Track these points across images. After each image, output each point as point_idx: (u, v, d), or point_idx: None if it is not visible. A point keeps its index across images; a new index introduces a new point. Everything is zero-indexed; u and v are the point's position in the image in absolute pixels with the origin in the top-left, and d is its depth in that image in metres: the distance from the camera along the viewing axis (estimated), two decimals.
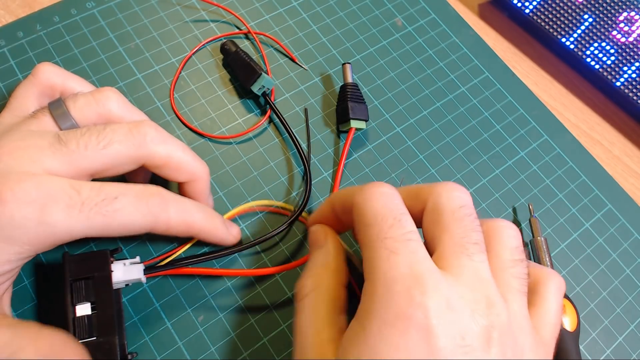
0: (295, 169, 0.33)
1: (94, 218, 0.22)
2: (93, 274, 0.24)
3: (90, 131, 0.24)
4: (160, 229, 0.25)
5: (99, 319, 0.24)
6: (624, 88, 0.40)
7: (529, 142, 0.37)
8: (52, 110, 0.25)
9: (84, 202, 0.22)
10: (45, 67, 0.27)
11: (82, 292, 0.24)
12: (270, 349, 0.28)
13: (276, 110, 0.34)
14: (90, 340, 0.23)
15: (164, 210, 0.24)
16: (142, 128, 0.25)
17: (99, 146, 0.24)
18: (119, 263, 0.25)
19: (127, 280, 0.25)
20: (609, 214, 0.35)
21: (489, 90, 0.39)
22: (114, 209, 0.23)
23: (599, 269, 0.33)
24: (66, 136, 0.24)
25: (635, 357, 0.31)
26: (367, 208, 0.22)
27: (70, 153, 0.23)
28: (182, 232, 0.26)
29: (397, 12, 0.41)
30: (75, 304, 0.24)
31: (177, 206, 0.25)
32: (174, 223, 0.25)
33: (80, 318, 0.24)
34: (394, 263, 0.20)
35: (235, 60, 0.35)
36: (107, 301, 0.24)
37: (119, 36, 0.36)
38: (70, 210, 0.22)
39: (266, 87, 0.34)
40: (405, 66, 0.39)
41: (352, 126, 0.34)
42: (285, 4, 0.39)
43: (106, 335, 0.23)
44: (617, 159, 0.39)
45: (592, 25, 0.40)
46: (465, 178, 0.35)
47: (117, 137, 0.24)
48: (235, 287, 0.29)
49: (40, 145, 0.23)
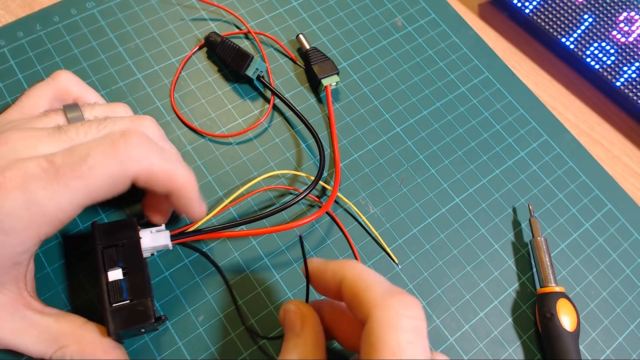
0: (295, 169, 0.33)
1: (73, 184, 0.22)
2: (122, 240, 0.25)
3: (91, 121, 0.24)
4: (143, 178, 0.23)
5: (131, 282, 0.24)
6: (624, 88, 0.40)
7: (529, 142, 0.37)
8: (67, 112, 0.25)
9: (58, 169, 0.21)
10: (66, 74, 0.28)
11: (113, 259, 0.25)
12: (270, 349, 0.28)
13: (276, 92, 0.34)
14: (124, 303, 0.24)
15: (145, 155, 0.23)
16: (144, 121, 0.25)
17: (100, 134, 0.24)
18: (146, 230, 0.26)
19: (154, 246, 0.26)
20: (609, 214, 0.35)
21: (489, 90, 0.39)
22: (89, 167, 0.22)
23: (599, 269, 0.33)
24: (67, 126, 0.24)
25: (635, 357, 0.31)
26: (386, 337, 0.19)
27: (69, 140, 0.23)
28: (164, 185, 0.24)
29: (397, 12, 0.41)
30: (107, 270, 0.24)
31: (160, 153, 0.24)
32: (157, 171, 0.23)
33: (113, 282, 0.24)
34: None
35: (224, 49, 0.35)
36: (138, 266, 0.25)
37: (119, 36, 0.36)
38: (49, 182, 0.21)
39: (260, 69, 0.34)
40: (405, 66, 0.39)
41: (326, 84, 0.35)
42: (285, 4, 0.39)
43: (140, 297, 0.24)
44: (617, 159, 0.39)
45: (592, 25, 0.40)
46: (465, 178, 0.35)
47: (118, 127, 0.24)
48: (235, 287, 0.29)
49: (39, 135, 0.23)
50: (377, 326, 0.19)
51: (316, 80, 0.35)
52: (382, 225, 0.32)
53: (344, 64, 0.38)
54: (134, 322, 0.24)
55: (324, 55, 0.36)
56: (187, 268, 0.29)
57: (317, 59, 0.36)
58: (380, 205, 0.33)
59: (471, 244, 0.33)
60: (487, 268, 0.32)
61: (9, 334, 0.23)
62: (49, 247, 0.29)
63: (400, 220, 0.33)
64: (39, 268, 0.28)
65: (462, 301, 0.31)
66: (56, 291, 0.28)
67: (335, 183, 0.32)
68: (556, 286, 0.30)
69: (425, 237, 0.33)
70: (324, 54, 0.36)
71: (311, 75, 0.36)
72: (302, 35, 0.37)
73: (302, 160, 0.34)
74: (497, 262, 0.33)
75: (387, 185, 0.34)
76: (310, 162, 0.34)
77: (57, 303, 0.27)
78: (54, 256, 0.29)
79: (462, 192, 0.34)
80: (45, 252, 0.29)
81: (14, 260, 0.22)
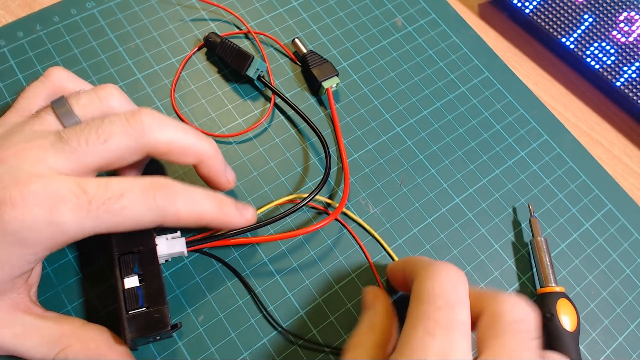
0: (295, 169, 0.33)
1: (102, 217, 0.22)
2: (139, 247, 0.25)
3: (89, 126, 0.24)
4: (170, 222, 0.24)
5: (147, 289, 0.24)
6: (624, 88, 0.40)
7: (529, 142, 0.37)
8: (55, 109, 0.25)
9: (90, 201, 0.22)
10: (59, 71, 0.27)
11: (129, 265, 0.25)
12: (270, 349, 0.28)
13: (277, 92, 0.34)
14: (140, 310, 0.24)
15: (172, 203, 0.24)
16: (139, 116, 0.25)
17: (100, 140, 0.24)
18: (162, 237, 0.26)
19: (170, 253, 0.26)
20: (609, 214, 0.35)
21: (489, 90, 0.39)
22: (121, 207, 0.23)
23: (599, 269, 0.33)
24: (67, 134, 0.24)
25: (635, 357, 0.31)
26: (425, 284, 0.22)
27: (72, 151, 0.23)
28: (194, 223, 0.25)
29: (397, 12, 0.41)
30: (124, 277, 0.24)
31: (185, 197, 0.24)
32: (184, 215, 0.24)
33: (129, 290, 0.24)
34: (425, 345, 0.20)
35: (224, 49, 0.35)
36: (154, 273, 0.25)
37: (119, 36, 0.36)
38: (78, 209, 0.22)
39: (260, 69, 0.34)
40: (405, 66, 0.39)
41: (327, 87, 0.35)
42: (285, 4, 0.39)
43: (156, 305, 0.24)
44: (617, 159, 0.39)
45: (592, 25, 0.40)
46: (465, 178, 0.35)
47: (116, 129, 0.24)
48: (235, 287, 0.29)
49: (43, 145, 0.23)
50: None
51: (316, 83, 0.35)
52: (382, 225, 0.32)
53: (344, 64, 0.38)
54: (150, 329, 0.24)
55: (322, 58, 0.36)
56: (187, 268, 0.29)
57: (315, 62, 0.36)
58: (380, 205, 0.33)
59: (471, 244, 0.33)
60: (487, 268, 0.32)
61: (10, 339, 0.23)
62: None
63: (400, 220, 0.33)
64: None
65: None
66: (56, 291, 0.28)
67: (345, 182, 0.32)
68: (556, 286, 0.30)
69: (426, 237, 0.33)
70: (321, 57, 0.36)
71: (310, 78, 0.36)
72: (297, 39, 0.37)
73: (303, 161, 0.34)
74: (497, 262, 0.33)
75: (387, 185, 0.34)
76: (311, 162, 0.34)
77: (57, 303, 0.27)
78: (54, 256, 0.28)
79: (462, 192, 0.34)
80: None
81: (23, 269, 0.23)
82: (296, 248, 0.31)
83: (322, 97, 0.36)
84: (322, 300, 0.30)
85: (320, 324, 0.29)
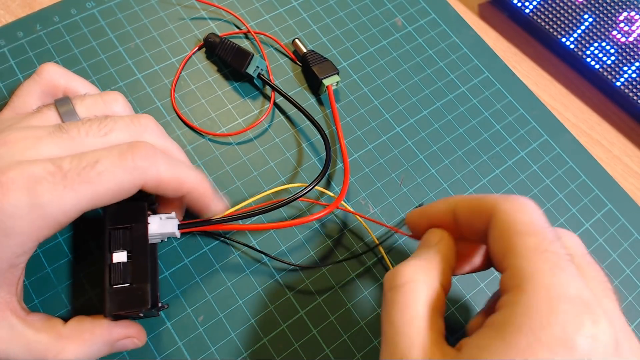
0: (295, 169, 0.33)
1: (80, 188, 0.22)
2: (131, 224, 0.25)
3: (91, 120, 0.24)
4: (151, 186, 0.24)
5: (134, 266, 0.24)
6: (624, 88, 0.40)
7: (529, 142, 0.37)
8: (58, 107, 0.25)
9: (66, 174, 0.22)
10: (50, 67, 0.27)
11: (119, 241, 0.25)
12: (270, 349, 0.28)
13: (277, 88, 0.34)
14: (123, 286, 0.24)
15: (153, 163, 0.23)
16: (143, 120, 0.25)
17: (100, 133, 0.24)
18: (155, 217, 0.26)
19: (162, 233, 0.26)
20: (609, 214, 0.35)
21: (489, 90, 0.39)
22: (97, 172, 0.22)
23: None
24: (67, 125, 0.24)
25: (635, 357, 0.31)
26: (522, 217, 0.21)
27: (70, 139, 0.23)
28: (173, 190, 0.25)
29: (397, 12, 0.41)
30: (113, 251, 0.24)
31: (167, 160, 0.24)
32: (165, 178, 0.24)
33: (116, 264, 0.24)
34: (561, 280, 0.19)
35: (224, 48, 0.35)
36: (143, 250, 0.25)
37: (119, 36, 0.36)
38: (55, 187, 0.21)
39: (260, 67, 0.34)
40: (405, 66, 0.39)
41: (327, 84, 0.35)
42: (285, 4, 0.39)
43: (140, 282, 0.24)
44: (617, 159, 0.39)
45: (592, 25, 0.40)
46: (465, 178, 0.35)
47: (118, 126, 0.24)
48: (235, 287, 0.29)
49: (39, 135, 0.23)
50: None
51: (317, 81, 0.35)
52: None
53: (344, 64, 0.38)
54: (130, 305, 0.24)
55: (322, 57, 0.36)
56: (187, 268, 0.29)
57: (315, 61, 0.36)
58: (380, 205, 0.33)
59: None
60: None
61: None
62: (48, 247, 0.29)
63: (400, 220, 0.33)
64: (39, 268, 0.28)
65: (462, 301, 0.31)
66: (56, 291, 0.28)
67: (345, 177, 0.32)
68: None
69: None
70: (322, 56, 0.36)
71: (311, 77, 0.36)
72: (297, 39, 0.37)
73: (303, 160, 0.34)
74: None
75: (387, 185, 0.34)
76: (311, 162, 0.34)
77: (57, 303, 0.27)
78: (54, 256, 0.29)
79: (462, 192, 0.34)
80: (45, 252, 0.29)
81: (11, 262, 0.22)
82: (296, 248, 0.31)
83: (322, 96, 0.36)
84: (322, 300, 0.30)
85: (320, 324, 0.29)
